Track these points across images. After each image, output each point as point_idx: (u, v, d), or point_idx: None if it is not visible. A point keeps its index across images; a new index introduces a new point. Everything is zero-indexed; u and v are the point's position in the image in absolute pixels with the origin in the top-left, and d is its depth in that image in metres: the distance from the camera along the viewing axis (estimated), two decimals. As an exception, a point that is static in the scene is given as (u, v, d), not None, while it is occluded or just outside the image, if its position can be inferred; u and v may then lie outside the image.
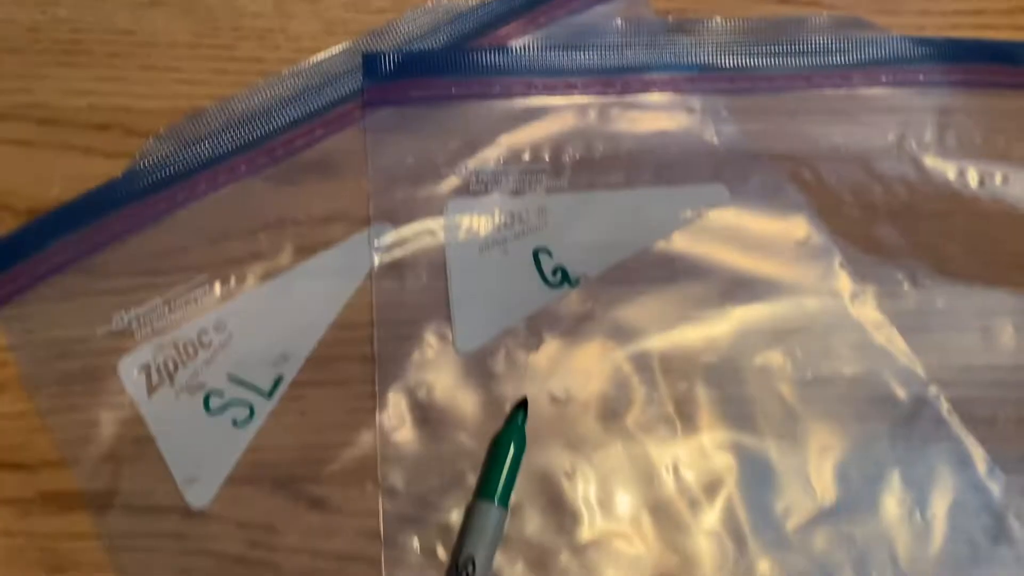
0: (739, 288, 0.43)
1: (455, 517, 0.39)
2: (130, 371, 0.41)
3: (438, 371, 0.41)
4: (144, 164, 0.44)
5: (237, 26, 0.48)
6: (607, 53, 0.47)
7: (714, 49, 0.47)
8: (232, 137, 0.45)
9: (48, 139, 0.44)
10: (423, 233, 0.44)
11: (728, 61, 0.47)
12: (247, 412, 0.40)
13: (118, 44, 0.48)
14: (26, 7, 0.48)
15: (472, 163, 0.45)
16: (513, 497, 0.39)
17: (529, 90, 0.47)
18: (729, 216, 0.44)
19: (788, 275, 0.43)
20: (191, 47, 0.48)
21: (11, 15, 0.48)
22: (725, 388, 0.41)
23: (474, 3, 0.48)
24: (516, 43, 0.48)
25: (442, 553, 0.39)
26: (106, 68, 0.47)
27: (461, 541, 0.38)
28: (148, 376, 0.41)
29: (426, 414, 0.41)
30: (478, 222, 0.44)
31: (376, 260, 0.43)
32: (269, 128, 0.45)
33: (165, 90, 0.46)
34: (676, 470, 0.40)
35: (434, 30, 0.48)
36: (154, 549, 0.39)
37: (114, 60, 0.47)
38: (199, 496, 0.39)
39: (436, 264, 0.43)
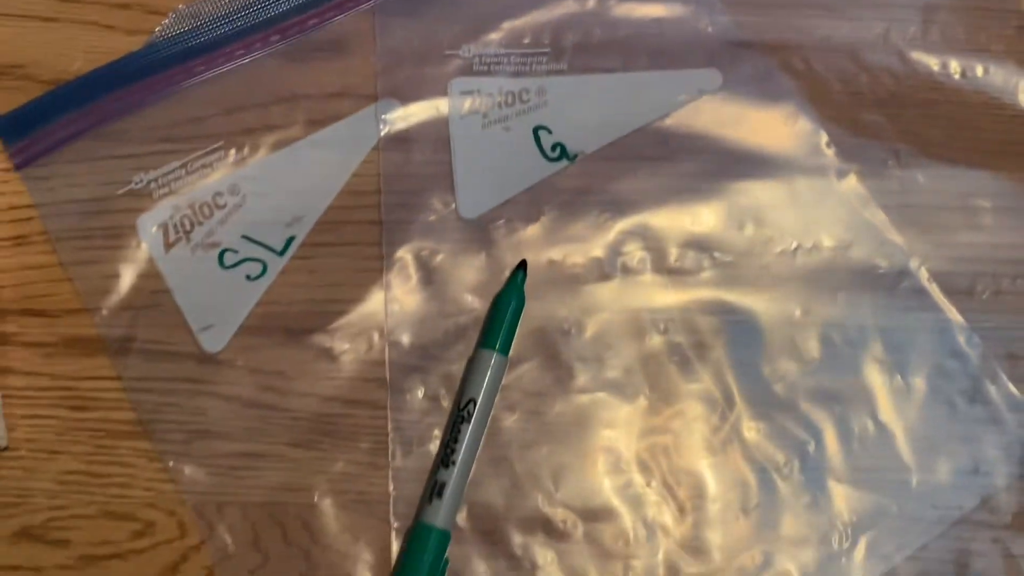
0: (730, 165, 0.44)
1: (457, 368, 0.40)
2: (148, 228, 0.42)
3: (442, 236, 0.43)
4: (163, 38, 0.44)
5: None
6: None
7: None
8: (247, 16, 0.45)
9: (71, 15, 0.45)
10: (428, 109, 0.45)
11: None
12: (260, 268, 0.41)
13: None
14: None
15: (475, 46, 0.46)
16: (512, 351, 0.40)
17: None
18: (721, 100, 0.45)
19: (777, 154, 0.44)
20: None
21: None
22: (714, 255, 0.42)
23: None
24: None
25: (445, 400, 0.40)
26: None
27: (463, 387, 0.39)
28: (165, 233, 0.42)
29: (430, 275, 0.42)
30: (480, 100, 0.45)
31: (383, 132, 0.44)
32: (283, 8, 0.46)
33: None
34: (666, 330, 0.41)
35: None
36: (170, 391, 0.40)
37: None
38: (213, 342, 0.40)
39: (441, 138, 0.44)
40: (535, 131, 0.45)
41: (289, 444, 0.39)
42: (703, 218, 0.43)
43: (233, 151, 0.43)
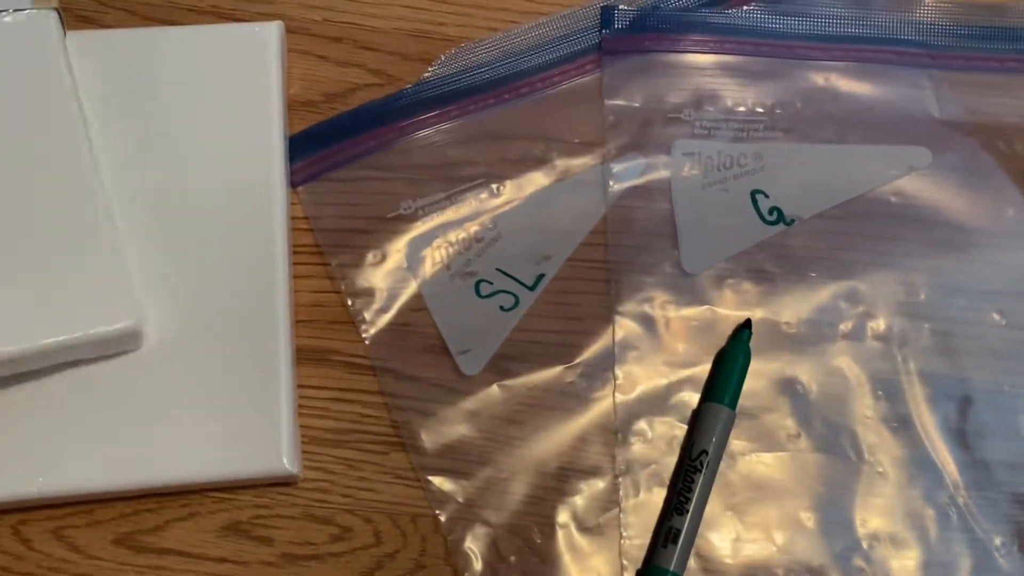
0: (941, 238, 0.43)
1: (678, 416, 0.39)
2: (412, 252, 0.41)
3: (666, 288, 0.42)
4: (431, 79, 0.45)
5: None
6: (829, 21, 0.46)
7: (939, 27, 0.46)
8: (506, 66, 0.45)
9: (289, 45, 0.45)
10: (653, 166, 0.44)
11: (954, 40, 0.46)
12: (513, 301, 0.41)
13: None
14: None
15: (696, 110, 0.45)
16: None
17: (753, 49, 0.46)
18: (931, 176, 0.44)
19: (986, 230, 0.43)
20: None
21: None
22: (926, 325, 0.41)
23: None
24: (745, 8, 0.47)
25: (667, 447, 0.39)
26: None
27: (692, 438, 0.39)
28: (427, 259, 0.41)
29: (654, 325, 0.41)
30: (701, 162, 0.44)
31: (612, 185, 0.43)
32: (535, 62, 0.45)
33: (391, 13, 0.47)
34: (883, 396, 0.40)
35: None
36: (426, 410, 0.40)
37: None
38: (471, 366, 0.40)
39: (665, 195, 0.43)
40: (752, 194, 0.44)
41: (532, 470, 0.38)
42: (916, 288, 0.42)
43: (492, 188, 0.43)
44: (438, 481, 0.39)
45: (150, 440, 0.36)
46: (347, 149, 0.43)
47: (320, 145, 0.43)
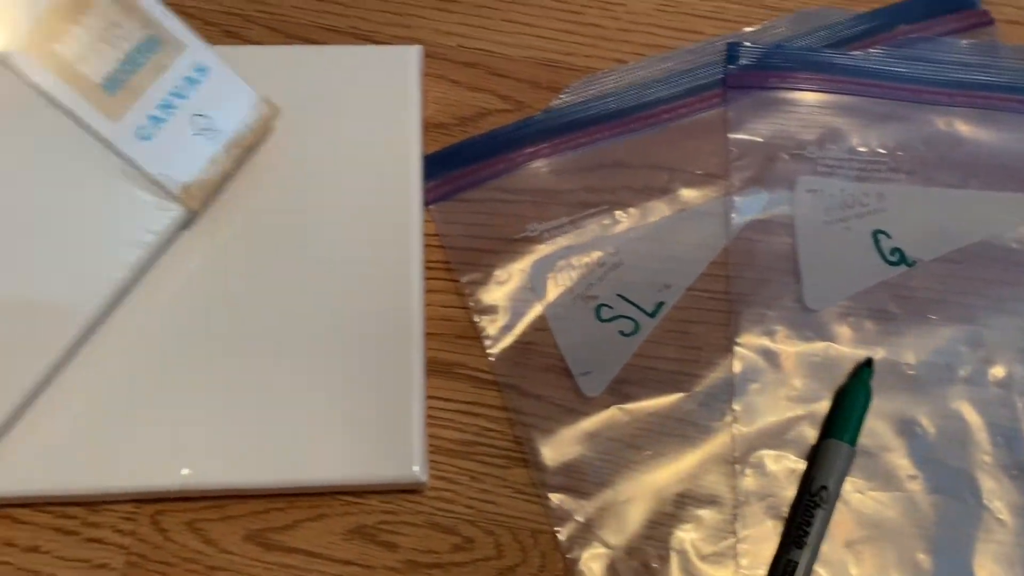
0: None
1: (795, 451, 0.40)
2: (536, 273, 0.42)
3: (787, 323, 0.42)
4: (559, 107, 0.46)
5: None
6: (954, 67, 0.47)
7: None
8: (632, 97, 0.46)
9: (425, 68, 0.46)
10: (776, 202, 0.44)
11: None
12: (633, 326, 0.41)
13: None
14: None
15: (820, 148, 0.45)
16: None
17: (877, 91, 0.46)
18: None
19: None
20: (545, 8, 0.49)
21: None
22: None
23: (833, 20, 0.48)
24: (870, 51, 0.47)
25: (784, 479, 0.39)
26: (474, 16, 0.48)
27: (812, 473, 0.39)
28: (551, 281, 0.42)
29: (775, 359, 0.41)
30: (823, 199, 0.44)
31: (735, 219, 0.43)
32: (664, 93, 0.46)
33: (521, 41, 0.48)
34: (1001, 443, 0.40)
35: (792, 37, 0.48)
36: (547, 428, 0.40)
37: (480, 10, 0.49)
38: (591, 387, 0.40)
39: (787, 231, 0.44)
40: (874, 234, 0.44)
41: (650, 495, 0.39)
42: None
43: (615, 215, 0.43)
44: (558, 499, 0.39)
45: (288, 441, 0.37)
46: (478, 171, 0.44)
47: (452, 166, 0.44)
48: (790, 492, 0.40)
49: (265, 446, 0.37)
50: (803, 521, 0.38)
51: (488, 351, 0.41)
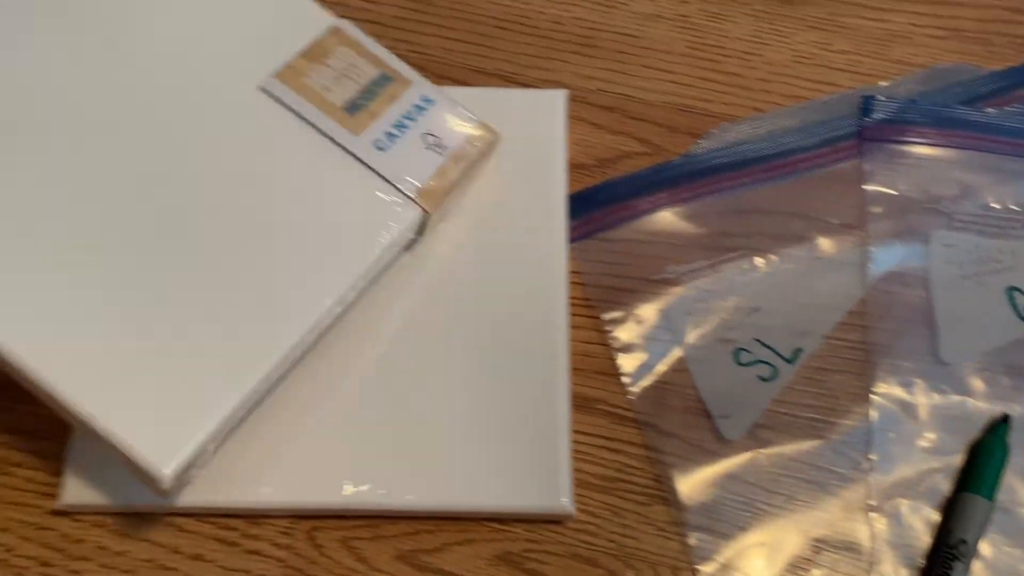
0: None
1: (929, 501, 0.40)
2: (675, 315, 0.43)
3: (923, 375, 0.42)
4: (694, 153, 0.47)
5: (722, 46, 0.50)
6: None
7: None
8: (768, 146, 0.47)
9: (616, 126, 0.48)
10: (910, 255, 0.45)
11: None
12: (771, 371, 0.42)
13: (624, 44, 0.50)
14: (554, 3, 0.51)
15: (954, 203, 0.46)
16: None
17: (1011, 149, 0.47)
18: None
19: None
20: (683, 56, 0.50)
21: (541, 8, 0.51)
22: None
23: (967, 77, 0.49)
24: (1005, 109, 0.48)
25: (920, 528, 0.39)
26: (613, 62, 0.50)
27: (949, 525, 0.39)
28: (689, 323, 0.43)
29: (910, 409, 0.42)
30: (958, 254, 0.45)
31: (871, 270, 0.44)
32: (800, 143, 0.47)
33: (659, 87, 0.49)
34: None
35: (925, 92, 0.49)
36: (687, 467, 0.41)
37: (620, 56, 0.50)
38: (732, 430, 0.41)
39: (923, 284, 0.44)
40: (1009, 291, 0.44)
41: (787, 540, 0.39)
42: None
43: (753, 260, 0.44)
44: (697, 538, 0.40)
45: (445, 468, 0.39)
46: (618, 212, 0.46)
47: (593, 206, 0.46)
48: (925, 542, 0.40)
49: (424, 471, 0.38)
50: (941, 573, 0.38)
51: (628, 389, 0.42)
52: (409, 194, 0.40)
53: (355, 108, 0.41)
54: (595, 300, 0.44)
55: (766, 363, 0.43)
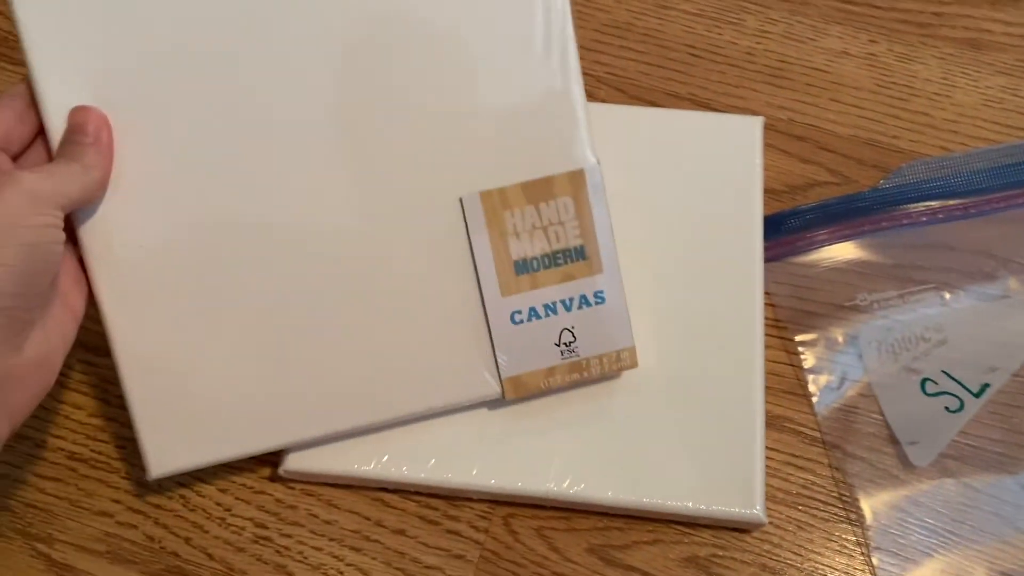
0: None
1: None
2: (864, 342, 0.44)
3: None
4: (888, 186, 0.48)
5: (911, 85, 0.51)
6: None
7: None
8: (958, 183, 0.48)
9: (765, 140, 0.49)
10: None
11: None
12: (958, 404, 0.42)
13: (814, 77, 0.51)
14: (746, 36, 0.52)
15: None
16: None
17: None
18: None
19: None
20: (872, 92, 0.51)
21: (734, 39, 0.52)
22: None
23: None
24: None
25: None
26: (803, 94, 0.51)
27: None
28: (877, 350, 0.44)
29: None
30: None
31: (1060, 312, 0.44)
32: (990, 183, 0.48)
33: (847, 120, 0.50)
34: None
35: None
36: (875, 492, 0.41)
37: (810, 89, 0.51)
38: (920, 458, 0.42)
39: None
40: None
41: (972, 570, 0.39)
42: None
43: (942, 294, 0.44)
44: (880, 559, 0.41)
45: (647, 469, 0.40)
46: (810, 237, 0.47)
47: (784, 231, 0.47)
48: (1115, 587, 0.40)
49: (632, 470, 0.40)
50: None
51: (815, 410, 0.43)
52: (500, 373, 0.39)
53: (524, 268, 0.38)
54: (786, 321, 0.45)
55: (953, 395, 0.43)
